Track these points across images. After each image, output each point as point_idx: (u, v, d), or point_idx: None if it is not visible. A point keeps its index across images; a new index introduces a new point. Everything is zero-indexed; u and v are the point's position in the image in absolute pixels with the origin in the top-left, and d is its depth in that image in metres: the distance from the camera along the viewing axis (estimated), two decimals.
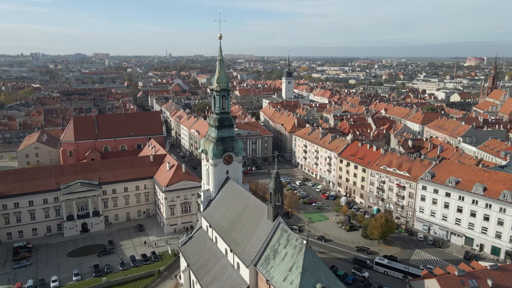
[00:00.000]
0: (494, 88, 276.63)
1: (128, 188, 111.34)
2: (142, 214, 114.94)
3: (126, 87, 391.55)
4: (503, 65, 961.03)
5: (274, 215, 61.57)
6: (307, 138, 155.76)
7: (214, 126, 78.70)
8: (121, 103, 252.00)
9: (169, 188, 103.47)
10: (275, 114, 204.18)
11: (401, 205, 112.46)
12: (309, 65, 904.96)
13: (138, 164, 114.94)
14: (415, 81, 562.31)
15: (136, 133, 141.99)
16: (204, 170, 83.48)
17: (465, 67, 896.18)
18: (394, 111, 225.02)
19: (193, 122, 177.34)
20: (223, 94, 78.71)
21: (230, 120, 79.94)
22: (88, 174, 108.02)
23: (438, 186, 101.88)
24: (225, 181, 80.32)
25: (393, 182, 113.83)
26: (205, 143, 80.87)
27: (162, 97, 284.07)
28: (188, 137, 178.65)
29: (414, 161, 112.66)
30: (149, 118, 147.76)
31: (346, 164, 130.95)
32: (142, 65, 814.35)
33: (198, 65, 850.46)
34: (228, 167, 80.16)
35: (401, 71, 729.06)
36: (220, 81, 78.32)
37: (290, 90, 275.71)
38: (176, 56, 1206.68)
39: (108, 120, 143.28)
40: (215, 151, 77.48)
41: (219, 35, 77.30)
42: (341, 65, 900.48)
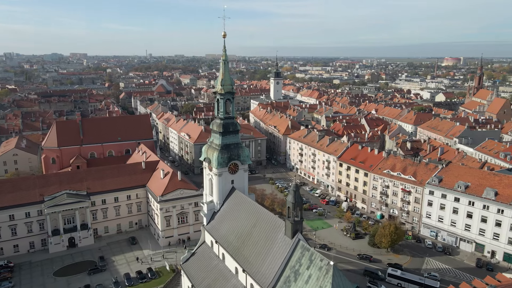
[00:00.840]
0: (480, 88, 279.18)
1: (118, 198, 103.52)
2: (134, 226, 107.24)
3: (107, 88, 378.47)
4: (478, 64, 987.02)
5: (293, 232, 55.74)
6: (303, 141, 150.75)
7: (218, 132, 72.31)
8: (104, 105, 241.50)
9: (164, 198, 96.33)
10: (266, 115, 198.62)
11: (407, 210, 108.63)
12: (292, 65, 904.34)
13: (129, 172, 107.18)
14: (397, 81, 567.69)
15: (124, 137, 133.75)
16: (207, 180, 76.96)
17: (443, 67, 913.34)
18: (385, 112, 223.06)
19: (183, 125, 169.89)
20: (228, 97, 72.41)
21: (236, 125, 73.70)
22: (75, 184, 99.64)
23: (446, 191, 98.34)
24: (230, 191, 74.06)
25: (398, 186, 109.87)
26: (208, 150, 74.41)
27: (147, 98, 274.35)
28: (178, 141, 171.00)
29: (419, 165, 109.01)
30: (138, 122, 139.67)
31: (347, 168, 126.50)
32: (122, 65, 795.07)
33: (179, 65, 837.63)
34: (233, 176, 73.92)
35: (382, 71, 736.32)
36: (225, 83, 71.98)
37: (279, 91, 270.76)
38: (157, 56, 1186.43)
39: (93, 124, 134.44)
40: (220, 159, 71.15)
41: (223, 33, 70.96)
42: (323, 65, 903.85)
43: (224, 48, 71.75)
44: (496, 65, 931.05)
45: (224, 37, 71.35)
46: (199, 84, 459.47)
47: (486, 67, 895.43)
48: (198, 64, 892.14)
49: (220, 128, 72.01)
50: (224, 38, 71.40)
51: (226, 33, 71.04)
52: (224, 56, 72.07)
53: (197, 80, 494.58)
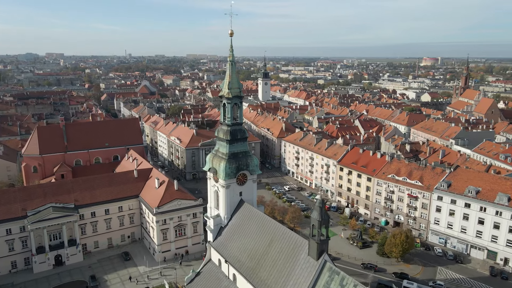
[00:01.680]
0: (466, 87, 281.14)
1: (109, 210, 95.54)
2: (126, 239, 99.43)
3: (88, 90, 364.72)
4: (455, 65, 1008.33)
5: (318, 252, 50.21)
6: (299, 144, 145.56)
7: (225, 140, 66.02)
8: (85, 108, 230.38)
9: (161, 210, 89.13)
10: (258, 117, 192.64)
11: (413, 216, 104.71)
12: (274, 66, 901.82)
13: (121, 181, 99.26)
14: (380, 81, 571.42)
15: (112, 143, 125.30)
16: (212, 192, 70.54)
17: (422, 67, 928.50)
18: (376, 113, 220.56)
19: (172, 129, 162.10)
20: (236, 101, 66.23)
21: (244, 132, 67.60)
22: (61, 196, 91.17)
23: (456, 196, 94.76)
24: (238, 204, 67.92)
25: (404, 192, 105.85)
26: (213, 160, 67.99)
27: (130, 100, 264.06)
28: (167, 145, 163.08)
29: (425, 169, 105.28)
30: (126, 126, 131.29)
31: (348, 172, 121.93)
32: (101, 65, 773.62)
33: (161, 65, 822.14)
34: (241, 188, 67.87)
35: (364, 71, 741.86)
36: (232, 86, 65.78)
37: (267, 92, 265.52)
38: (136, 56, 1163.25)
39: (79, 129, 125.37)
40: (228, 170, 64.92)
41: (230, 32, 64.68)
42: (305, 65, 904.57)
43: (231, 47, 65.45)
44: (472, 65, 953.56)
45: (231, 36, 65.07)
46: (183, 84, 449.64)
47: (463, 67, 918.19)
48: (179, 65, 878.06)
49: (227, 136, 65.79)
50: (231, 36, 65.12)
51: (233, 31, 64.78)
52: (231, 57, 65.81)
53: (180, 80, 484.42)
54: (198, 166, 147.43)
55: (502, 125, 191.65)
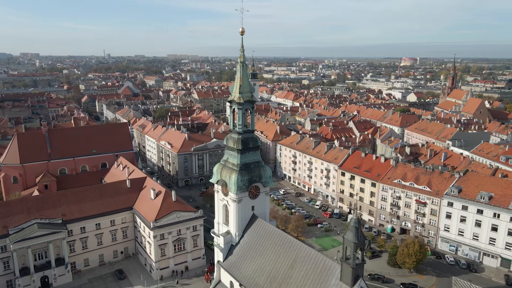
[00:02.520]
0: (453, 88, 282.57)
1: (101, 224, 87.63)
2: (119, 255, 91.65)
3: (67, 91, 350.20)
4: (433, 65, 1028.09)
5: (353, 278, 44.69)
6: (296, 147, 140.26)
7: (236, 149, 59.74)
8: (66, 111, 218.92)
9: (158, 224, 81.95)
10: None
11: (421, 223, 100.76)
12: (257, 66, 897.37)
13: (112, 192, 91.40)
14: (364, 81, 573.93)
15: (99, 150, 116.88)
16: (220, 206, 64.15)
17: (401, 67, 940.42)
18: (367, 114, 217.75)
19: (162, 133, 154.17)
20: (247, 107, 60.05)
21: (256, 140, 61.42)
22: (47, 211, 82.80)
23: (468, 202, 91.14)
24: (251, 220, 61.79)
25: (411, 197, 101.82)
26: (222, 172, 61.60)
27: (114, 102, 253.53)
28: (157, 150, 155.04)
29: (432, 174, 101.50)
30: (115, 131, 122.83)
31: (350, 177, 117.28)
32: (79, 65, 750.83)
33: (141, 65, 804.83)
34: (254, 201, 61.75)
35: (347, 71, 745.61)
36: (243, 90, 59.57)
37: (256, 93, 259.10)
38: (116, 56, 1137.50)
39: (63, 135, 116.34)
40: (240, 182, 58.67)
41: (240, 29, 58.44)
42: (287, 65, 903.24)
43: (241, 47, 59.19)
44: (449, 65, 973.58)
45: (242, 34, 58.82)
46: (166, 85, 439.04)
47: (440, 67, 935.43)
48: (161, 65, 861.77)
49: (238, 145, 59.51)
50: (242, 35, 58.88)
51: (244, 29, 58.54)
52: (242, 58, 59.55)
53: (163, 81, 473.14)
54: (191, 172, 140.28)
55: (494, 125, 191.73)
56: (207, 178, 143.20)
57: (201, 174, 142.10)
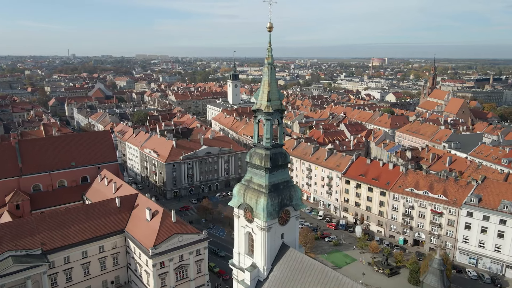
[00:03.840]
0: (434, 88, 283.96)
1: (88, 252, 75.39)
2: (109, 285, 79.72)
3: (31, 94, 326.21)
4: (400, 65, 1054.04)
5: None
6: (293, 154, 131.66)
7: (264, 168, 49.94)
8: (33, 116, 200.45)
9: (158, 250, 70.87)
10: (236, 123, 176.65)
11: (437, 234, 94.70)
12: (229, 66, 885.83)
13: (100, 213, 79.23)
14: (339, 81, 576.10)
15: (79, 162, 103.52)
16: (241, 234, 54.13)
17: (370, 66, 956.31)
18: (355, 115, 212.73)
19: (145, 140, 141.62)
20: (276, 117, 50.55)
21: (286, 156, 51.87)
22: (23, 240, 69.80)
23: (489, 212, 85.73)
24: (280, 250, 52.32)
25: (426, 207, 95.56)
26: (247, 194, 51.63)
27: (86, 105, 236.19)
28: (140, 159, 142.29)
29: (447, 181, 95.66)
30: (96, 140, 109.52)
31: (356, 185, 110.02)
32: (42, 66, 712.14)
33: (109, 66, 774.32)
34: (283, 228, 52.12)
35: (319, 71, 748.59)
36: (272, 97, 49.86)
37: (237, 95, 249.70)
38: (81, 57, 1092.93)
39: (36, 147, 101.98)
40: (270, 208, 48.99)
41: (268, 25, 48.75)
42: (259, 65, 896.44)
43: (269, 46, 49.40)
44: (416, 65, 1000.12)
45: (270, 31, 49.09)
46: (139, 87, 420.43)
47: (408, 67, 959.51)
48: (130, 65, 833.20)
49: (267, 163, 49.71)
50: (270, 31, 49.20)
51: (272, 24, 48.96)
52: (270, 58, 49.81)
53: (135, 82, 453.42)
54: (180, 183, 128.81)
55: (482, 125, 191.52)
56: (197, 189, 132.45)
57: (190, 184, 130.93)
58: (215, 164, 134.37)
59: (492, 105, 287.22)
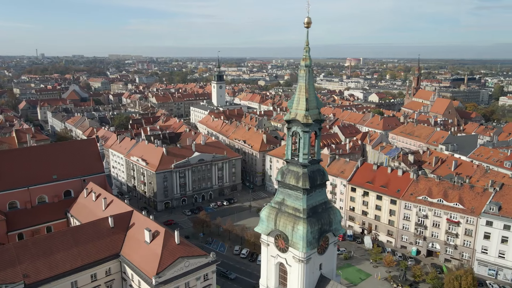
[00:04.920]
0: (418, 88, 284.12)
1: (78, 282, 65.42)
2: None
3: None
4: (375, 65, 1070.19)
5: None
6: None
7: (302, 189, 42.38)
8: (3, 120, 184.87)
9: (162, 278, 61.96)
10: (226, 127, 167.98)
11: (454, 244, 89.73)
12: (206, 66, 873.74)
13: (90, 236, 69.35)
14: (319, 81, 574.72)
15: (61, 174, 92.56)
16: (271, 265, 46.21)
17: (346, 66, 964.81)
18: (345, 116, 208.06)
19: (131, 146, 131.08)
20: (315, 129, 43.02)
21: (324, 174, 44.39)
22: (2, 272, 59.43)
23: (511, 221, 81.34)
24: (318, 283, 44.93)
25: (441, 216, 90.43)
26: (279, 219, 43.78)
27: (61, 108, 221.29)
28: (126, 167, 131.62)
29: (462, 188, 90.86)
30: (80, 150, 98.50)
31: (363, 193, 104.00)
32: (9, 66, 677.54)
33: (82, 66, 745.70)
34: (321, 258, 44.90)
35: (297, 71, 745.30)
36: (311, 105, 42.34)
37: (222, 96, 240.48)
38: (51, 57, 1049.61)
39: (11, 158, 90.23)
40: (309, 236, 41.51)
41: (306, 20, 41.14)
42: (237, 66, 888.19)
43: (306, 45, 41.84)
44: (390, 65, 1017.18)
45: (308, 27, 41.52)
46: (115, 88, 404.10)
47: (382, 67, 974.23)
48: (103, 65, 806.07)
49: (305, 183, 42.10)
50: (308, 27, 41.61)
51: (311, 20, 41.36)
52: (308, 59, 42.23)
53: (110, 84, 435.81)
54: (172, 193, 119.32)
55: (473, 126, 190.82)
56: (189, 199, 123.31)
57: (183, 194, 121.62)
58: (208, 172, 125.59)
59: (474, 105, 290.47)
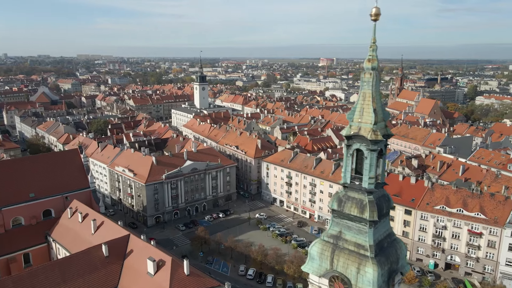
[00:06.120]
0: (402, 88, 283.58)
1: None
2: None
3: None
4: (348, 64, 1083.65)
5: None
6: (291, 166, 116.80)
7: (368, 221, 34.12)
8: None
9: None
10: (214, 131, 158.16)
11: (475, 257, 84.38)
12: (180, 67, 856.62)
13: (82, 269, 58.56)
14: (296, 82, 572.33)
15: (40, 192, 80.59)
16: None
17: (320, 67, 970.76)
18: (334, 118, 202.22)
19: (115, 155, 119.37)
20: (381, 146, 34.89)
21: (389, 201, 36.34)
22: None
23: None
24: None
25: (461, 227, 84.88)
26: (339, 258, 34.85)
27: (30, 112, 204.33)
28: (109, 178, 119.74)
29: (482, 197, 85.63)
30: (61, 162, 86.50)
31: None
32: None
33: (49, 67, 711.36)
34: None
35: (274, 72, 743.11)
36: (379, 118, 34.10)
37: (205, 98, 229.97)
38: (14, 57, 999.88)
39: None
40: (380, 280, 33.29)
41: (374, 11, 32.72)
42: (211, 66, 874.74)
43: (373, 43, 33.45)
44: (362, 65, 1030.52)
45: (376, 19, 33.10)
46: (87, 90, 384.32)
47: (355, 67, 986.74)
48: (71, 66, 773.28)
49: (372, 214, 33.43)
50: (376, 20, 33.17)
51: (380, 11, 33.09)
52: (375, 61, 33.64)
53: (81, 85, 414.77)
54: (163, 206, 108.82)
55: (462, 127, 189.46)
56: (182, 211, 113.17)
57: (175, 207, 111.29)
58: (202, 182, 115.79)
59: (456, 105, 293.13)
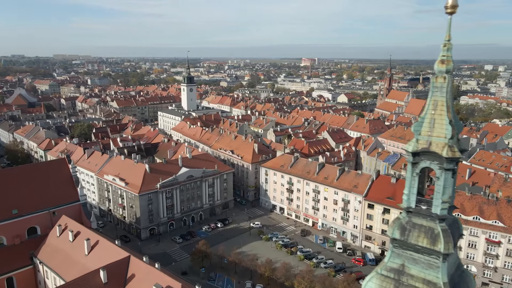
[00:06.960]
0: (390, 89, 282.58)
1: None
2: None
3: None
4: (329, 65, 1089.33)
5: None
6: (292, 172, 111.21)
7: (442, 254, 28.61)
8: None
9: None
10: (207, 135, 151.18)
11: (493, 267, 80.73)
12: (162, 67, 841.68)
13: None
14: (281, 82, 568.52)
15: (23, 208, 72.25)
16: None
17: (302, 67, 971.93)
18: (327, 119, 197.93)
19: (104, 162, 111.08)
20: (455, 166, 29.39)
21: (459, 226, 30.98)
22: None
23: None
24: None
25: (478, 235, 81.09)
26: None
27: (7, 116, 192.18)
28: (97, 188, 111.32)
29: (498, 203, 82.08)
30: (47, 174, 78.22)
31: (383, 210, 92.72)
32: None
33: (23, 67, 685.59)
34: None
35: (258, 72, 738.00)
36: (453, 132, 28.57)
37: (193, 100, 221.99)
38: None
39: None
40: None
41: (450, 2, 27.23)
42: (193, 66, 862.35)
43: (447, 41, 27.80)
44: (344, 65, 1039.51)
45: (452, 12, 27.38)
46: (65, 91, 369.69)
47: (336, 67, 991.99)
48: (48, 66, 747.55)
49: (447, 245, 27.90)
50: (451, 14, 27.46)
51: (457, 2, 27.56)
52: (450, 63, 27.69)
53: (59, 86, 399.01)
54: (157, 217, 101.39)
55: None
56: (178, 222, 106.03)
57: (170, 218, 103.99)
58: (198, 190, 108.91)
59: None
